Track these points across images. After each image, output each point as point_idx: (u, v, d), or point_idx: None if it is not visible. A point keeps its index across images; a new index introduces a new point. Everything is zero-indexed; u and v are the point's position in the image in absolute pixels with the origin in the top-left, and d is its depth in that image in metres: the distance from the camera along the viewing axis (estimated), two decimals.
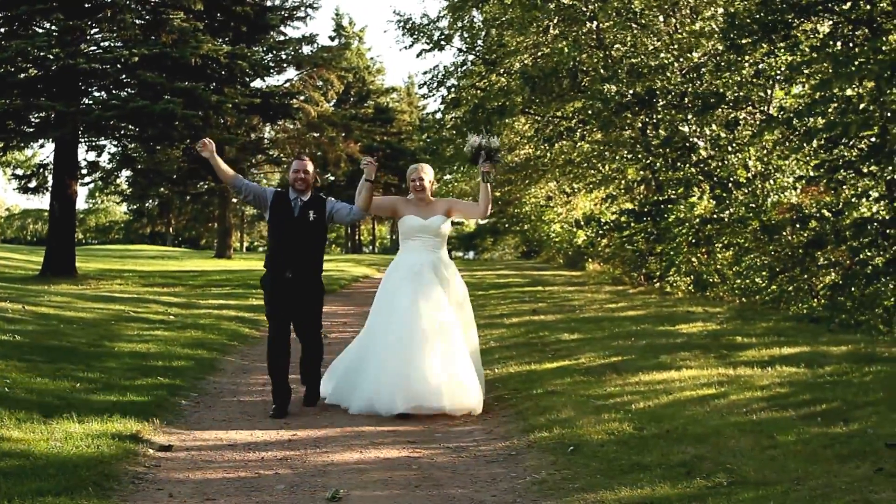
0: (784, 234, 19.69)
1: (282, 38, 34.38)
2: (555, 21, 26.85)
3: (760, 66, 20.67)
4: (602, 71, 25.40)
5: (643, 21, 25.14)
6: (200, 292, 24.59)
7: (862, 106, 15.81)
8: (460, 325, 9.76)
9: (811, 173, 18.91)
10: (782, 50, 18.90)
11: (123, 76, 28.47)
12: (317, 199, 9.76)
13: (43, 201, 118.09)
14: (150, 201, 71.97)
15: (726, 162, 22.55)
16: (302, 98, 38.44)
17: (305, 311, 9.73)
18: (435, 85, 34.12)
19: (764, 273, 20.33)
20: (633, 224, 26.16)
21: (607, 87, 24.30)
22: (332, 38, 75.19)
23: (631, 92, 23.90)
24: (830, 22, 18.16)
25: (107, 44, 29.09)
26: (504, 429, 9.02)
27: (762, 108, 22.35)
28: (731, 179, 22.05)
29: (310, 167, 9.70)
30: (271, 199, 9.69)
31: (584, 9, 25.68)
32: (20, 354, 11.67)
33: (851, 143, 15.98)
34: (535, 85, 26.35)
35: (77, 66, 26.46)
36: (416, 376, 9.28)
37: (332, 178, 63.53)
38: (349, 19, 79.84)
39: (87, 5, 27.61)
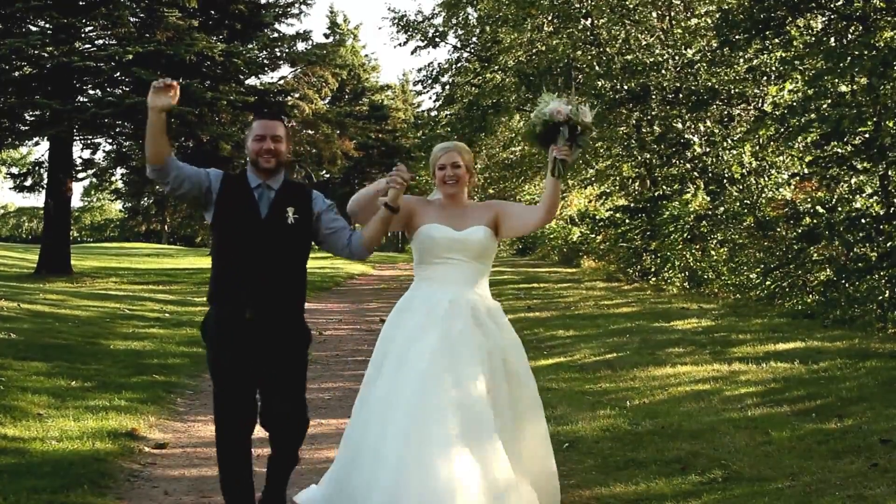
0: (778, 229, 19.73)
1: (276, 35, 34.31)
2: (549, 18, 26.89)
3: (754, 63, 20.71)
4: (597, 67, 25.44)
5: (636, 17, 25.19)
6: (195, 290, 24.57)
7: (855, 102, 15.85)
8: (515, 413, 5.67)
9: (805, 170, 18.96)
10: (776, 46, 18.94)
11: (118, 74, 28.47)
12: (294, 187, 5.86)
13: (38, 199, 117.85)
14: (146, 199, 71.80)
15: (720, 158, 22.59)
16: (297, 95, 38.41)
17: (277, 378, 5.69)
18: (429, 82, 34.17)
19: (758, 269, 20.36)
20: (627, 220, 26.23)
21: (602, 84, 24.36)
22: (326, 36, 75.08)
23: (625, 88, 23.94)
24: (823, 18, 18.20)
25: (101, 41, 29.08)
26: None
27: (756, 105, 22.39)
28: (726, 175, 22.09)
29: (282, 132, 5.76)
30: (218, 188, 5.71)
31: (578, 5, 25.72)
32: (15, 352, 11.66)
33: (845, 139, 16.02)
34: (530, 82, 26.39)
35: (72, 63, 26.44)
36: (430, 489, 5.23)
37: (328, 175, 63.50)
38: (343, 17, 79.58)
39: (81, 3, 27.57)
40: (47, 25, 27.49)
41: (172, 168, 5.55)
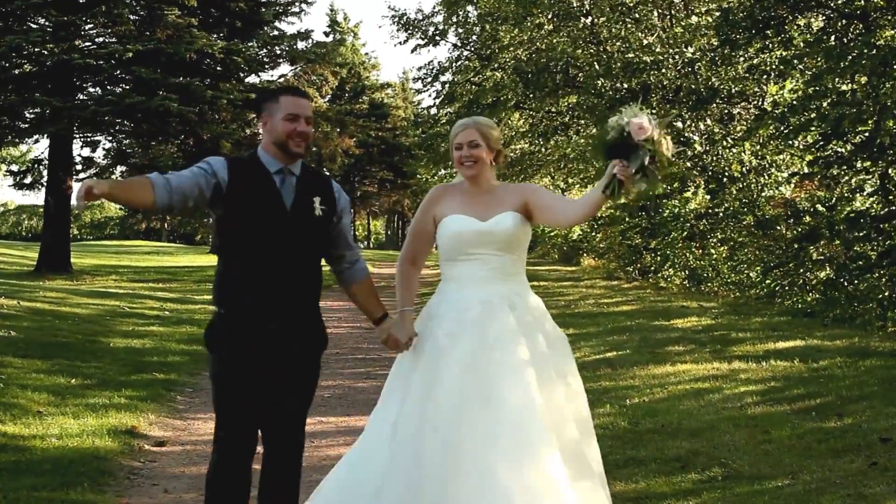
0: (778, 228, 19.74)
1: (276, 33, 34.30)
2: (549, 16, 26.91)
3: (755, 62, 20.72)
4: (596, 66, 25.45)
5: (636, 16, 25.21)
6: (195, 287, 24.58)
7: (855, 101, 15.87)
8: (578, 433, 4.94)
9: (805, 169, 18.98)
10: (776, 45, 18.95)
11: (118, 72, 28.48)
12: (315, 174, 5.06)
13: (38, 197, 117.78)
14: None
15: (720, 157, 22.59)
16: None
17: (290, 397, 4.93)
18: (429, 80, 34.14)
19: (758, 268, 20.37)
20: (627, 219, 26.23)
21: (602, 82, 24.38)
22: (326, 34, 75.06)
23: (625, 87, 23.95)
24: (824, 17, 18.21)
25: (101, 39, 29.11)
26: None
27: (756, 104, 22.40)
28: (726, 174, 22.10)
29: (311, 112, 4.93)
30: (228, 178, 4.76)
31: (577, 4, 25.75)
32: (15, 350, 11.66)
33: (846, 138, 16.03)
34: (528, 80, 26.40)
35: (72, 61, 26.47)
36: None
37: (328, 173, 63.54)
38: (344, 15, 79.52)
39: (80, 1, 27.59)
40: (47, 23, 27.50)
41: (166, 199, 4.60)
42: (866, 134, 15.53)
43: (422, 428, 4.75)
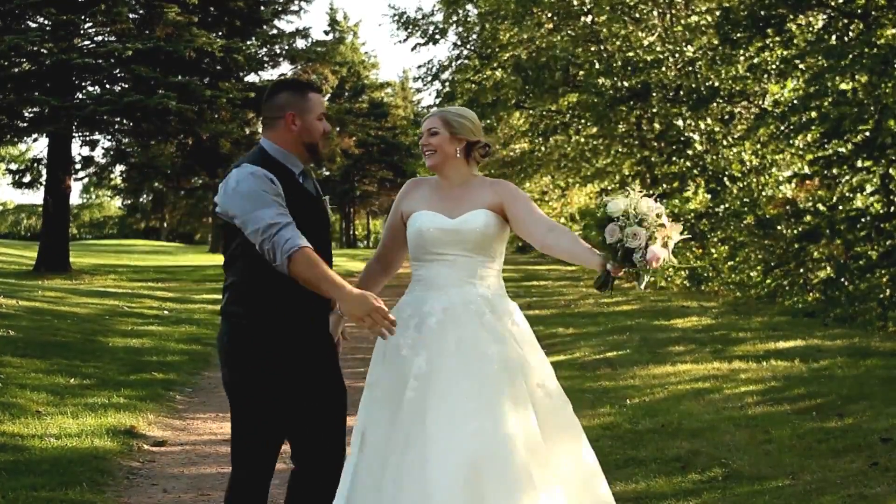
0: (779, 227, 19.74)
1: (275, 32, 34.27)
2: (549, 15, 26.91)
3: (755, 61, 20.72)
4: (597, 65, 25.44)
5: (637, 15, 25.21)
6: (195, 287, 24.56)
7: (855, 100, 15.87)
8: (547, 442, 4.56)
9: (806, 169, 18.98)
10: (777, 44, 18.95)
11: (117, 71, 28.42)
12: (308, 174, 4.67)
13: (37, 196, 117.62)
14: (145, 196, 71.72)
15: (721, 156, 22.59)
16: None
17: (327, 396, 4.55)
18: (429, 79, 34.16)
19: (759, 267, 20.36)
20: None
21: (602, 81, 24.37)
22: (326, 33, 75.03)
23: (625, 85, 23.94)
24: (824, 16, 18.20)
25: (100, 38, 29.07)
26: None
27: (757, 103, 22.40)
28: (726, 173, 22.10)
29: None
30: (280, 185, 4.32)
31: (577, 3, 25.75)
32: (14, 350, 11.64)
33: (846, 137, 16.03)
34: (527, 77, 26.39)
35: (70, 60, 26.42)
36: None
37: (328, 172, 63.45)
38: (343, 14, 79.69)
39: (79, 0, 27.57)
40: (46, 22, 27.47)
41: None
42: (867, 133, 15.52)
43: (381, 442, 4.38)
